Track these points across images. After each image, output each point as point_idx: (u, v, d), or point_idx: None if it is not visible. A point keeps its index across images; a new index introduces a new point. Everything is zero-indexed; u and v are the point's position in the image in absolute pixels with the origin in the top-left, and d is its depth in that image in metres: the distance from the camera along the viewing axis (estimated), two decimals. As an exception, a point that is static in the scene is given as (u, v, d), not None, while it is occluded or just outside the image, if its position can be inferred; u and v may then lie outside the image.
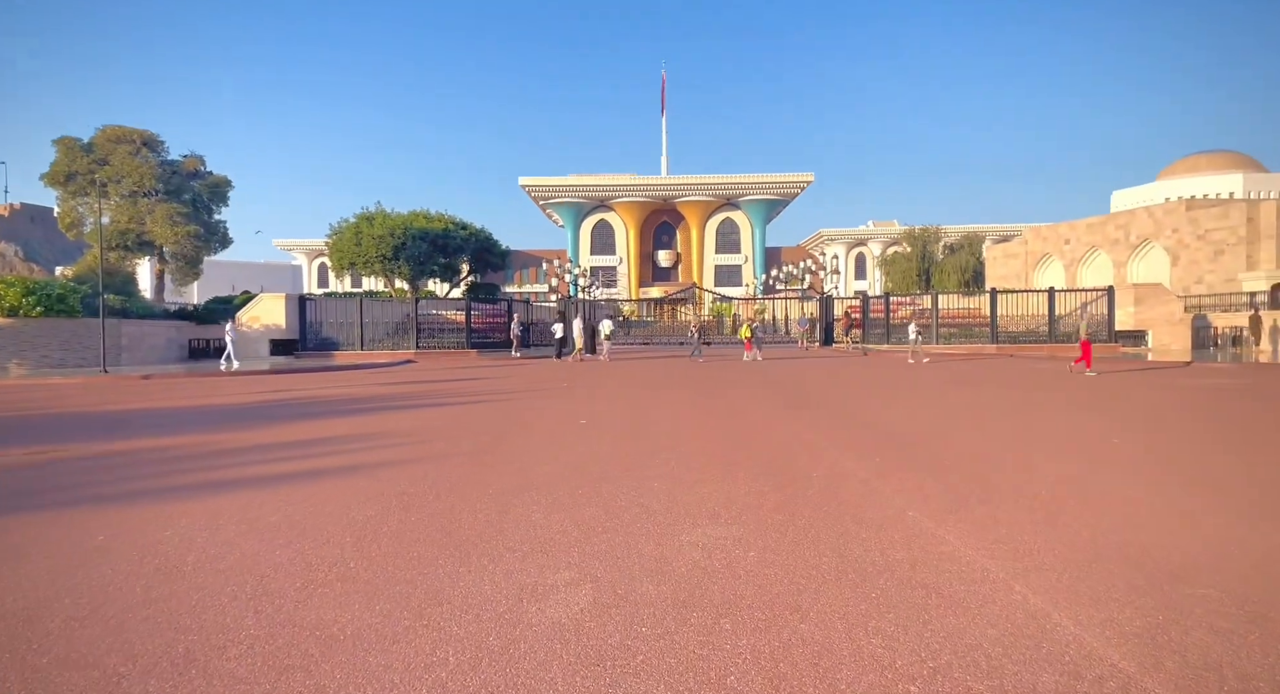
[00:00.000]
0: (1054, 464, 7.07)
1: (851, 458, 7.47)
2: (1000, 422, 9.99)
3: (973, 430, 9.40)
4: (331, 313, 32.06)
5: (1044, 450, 7.85)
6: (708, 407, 12.22)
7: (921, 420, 10.28)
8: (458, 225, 49.42)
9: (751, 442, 8.59)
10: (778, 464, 7.19)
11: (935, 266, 55.58)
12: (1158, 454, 7.56)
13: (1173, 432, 9.19)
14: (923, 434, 9.08)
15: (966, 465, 7.03)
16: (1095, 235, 43.89)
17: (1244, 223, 36.04)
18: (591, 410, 11.93)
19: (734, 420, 10.47)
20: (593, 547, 4.63)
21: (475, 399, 14.13)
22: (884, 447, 8.17)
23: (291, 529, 5.08)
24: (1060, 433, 9.08)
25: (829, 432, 9.33)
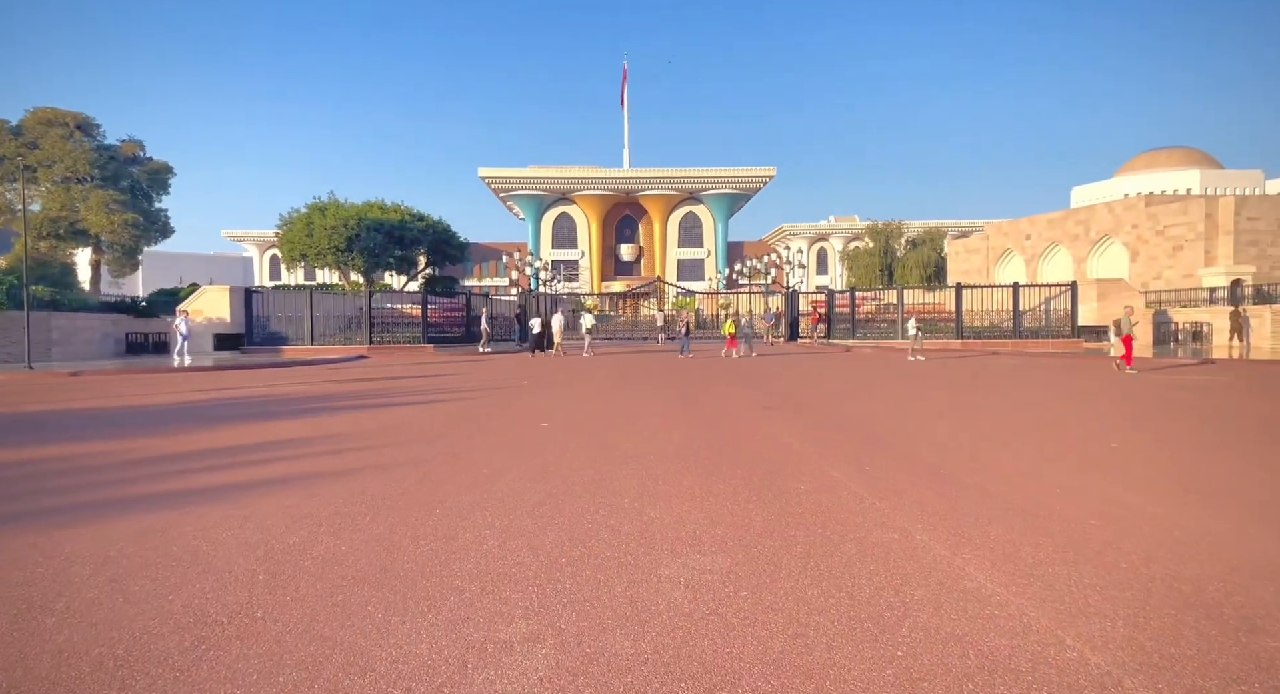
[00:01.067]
0: (1073, 476, 6.49)
1: (840, 466, 6.83)
2: (1015, 425, 9.46)
3: (990, 437, 8.84)
4: (280, 306, 30.75)
5: (1059, 460, 7.30)
6: (683, 408, 11.54)
7: (918, 421, 9.71)
8: (414, 216, 48.07)
9: (731, 447, 7.92)
10: (761, 474, 6.51)
11: (897, 262, 55.66)
12: (1220, 471, 7.01)
13: (1230, 442, 8.72)
14: (919, 438, 8.49)
15: (968, 476, 6.42)
16: (1056, 231, 44.19)
17: (1202, 219, 36.45)
18: (556, 411, 11.16)
19: (713, 422, 9.79)
20: (555, 585, 3.89)
21: (430, 398, 13.26)
22: (875, 453, 7.55)
23: (195, 563, 4.25)
24: (1081, 437, 8.56)
25: (821, 436, 8.70)
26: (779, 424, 9.55)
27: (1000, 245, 48.08)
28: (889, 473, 6.50)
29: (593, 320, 31.25)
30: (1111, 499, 5.54)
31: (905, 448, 7.79)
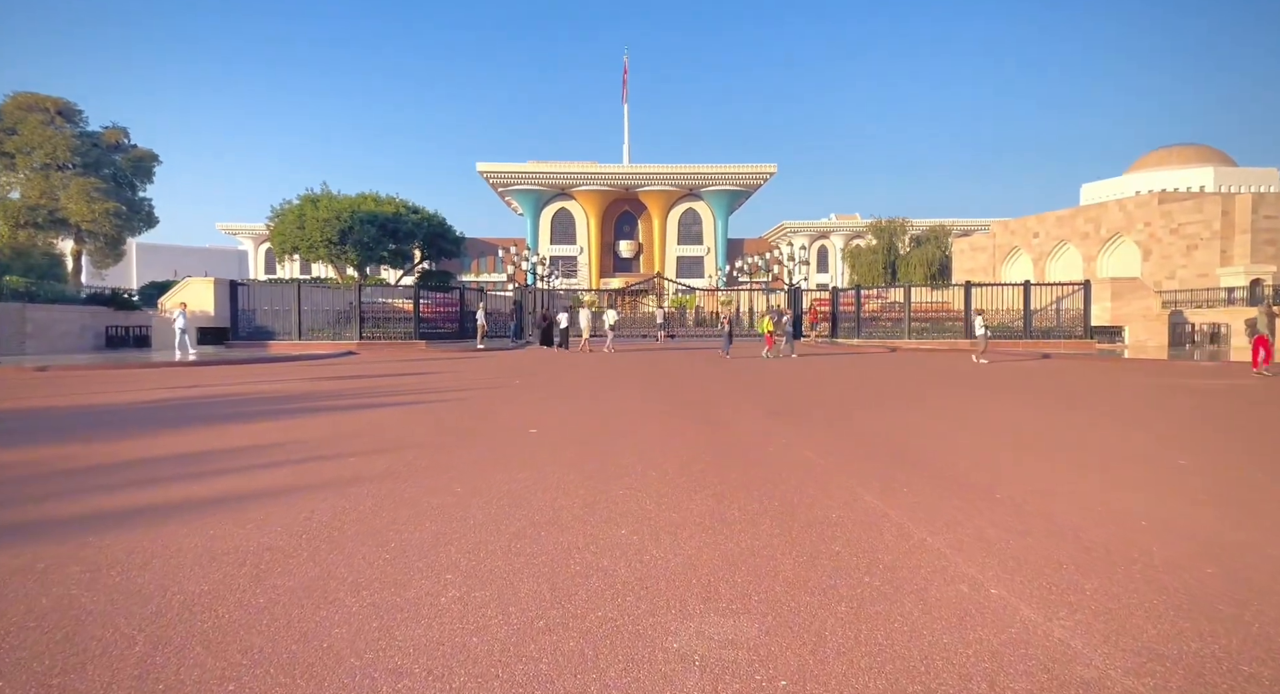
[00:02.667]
0: (1180, 522, 5.48)
1: (874, 489, 5.82)
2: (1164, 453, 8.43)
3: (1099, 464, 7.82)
4: (267, 299, 29.74)
5: (1175, 497, 6.28)
6: (687, 412, 10.53)
7: (976, 438, 8.68)
8: (409, 209, 47.05)
9: (750, 466, 6.90)
10: (780, 499, 5.50)
11: (901, 260, 54.68)
12: None
13: None
14: (968, 457, 7.47)
15: (1090, 528, 5.42)
16: (1064, 229, 43.19)
17: (1218, 217, 35.46)
18: (548, 417, 10.15)
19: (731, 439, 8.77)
20: (528, 667, 2.87)
21: (412, 399, 12.26)
22: (910, 471, 6.54)
23: (57, 629, 3.24)
24: (1214, 464, 7.53)
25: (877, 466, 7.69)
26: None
27: (1007, 244, 47.08)
28: (932, 498, 5.50)
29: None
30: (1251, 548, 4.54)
31: (955, 468, 6.77)
